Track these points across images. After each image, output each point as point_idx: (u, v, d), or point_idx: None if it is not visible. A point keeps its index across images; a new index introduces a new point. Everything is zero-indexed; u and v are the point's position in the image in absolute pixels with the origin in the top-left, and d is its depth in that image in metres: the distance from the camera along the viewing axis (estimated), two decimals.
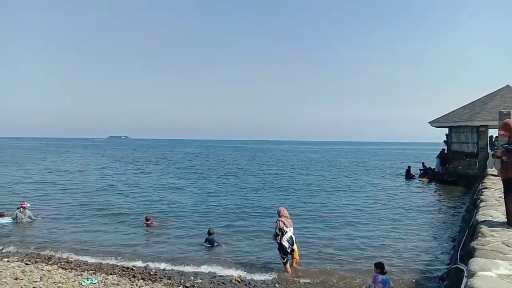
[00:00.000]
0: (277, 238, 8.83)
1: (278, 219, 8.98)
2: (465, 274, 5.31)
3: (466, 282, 4.63)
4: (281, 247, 8.84)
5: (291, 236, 8.89)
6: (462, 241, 8.62)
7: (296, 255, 9.19)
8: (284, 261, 8.91)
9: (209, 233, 11.57)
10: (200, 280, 8.42)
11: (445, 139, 29.40)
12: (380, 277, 7.05)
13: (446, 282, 7.53)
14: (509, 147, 6.74)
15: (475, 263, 5.12)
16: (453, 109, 29.05)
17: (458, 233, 11.89)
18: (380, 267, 7.18)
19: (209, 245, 11.16)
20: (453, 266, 7.28)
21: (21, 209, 14.24)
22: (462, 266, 6.22)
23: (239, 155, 76.81)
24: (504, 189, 7.07)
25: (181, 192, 22.80)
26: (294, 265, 9.18)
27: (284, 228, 8.82)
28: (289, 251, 8.87)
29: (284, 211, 9.18)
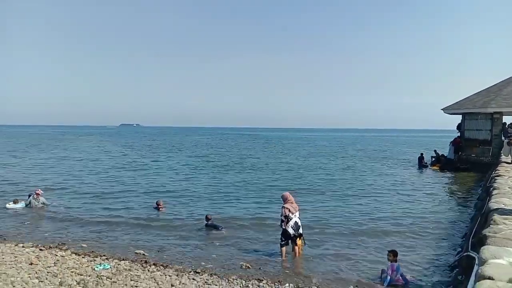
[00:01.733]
0: (283, 224, 8.84)
1: (283, 206, 8.98)
2: (476, 261, 5.28)
3: (477, 270, 4.61)
4: (284, 232, 8.86)
5: (296, 221, 8.87)
6: (474, 229, 8.56)
7: (299, 241, 9.15)
8: (282, 243, 8.93)
9: (207, 219, 11.84)
10: (211, 265, 8.50)
11: (458, 126, 29.02)
12: (395, 264, 7.10)
13: (457, 269, 7.49)
14: None
15: (487, 250, 5.09)
16: (467, 96, 28.61)
17: (470, 221, 11.81)
18: (395, 254, 7.30)
19: (212, 229, 11.41)
20: (464, 254, 7.23)
21: (35, 195, 14.46)
22: (473, 254, 6.18)
23: (254, 143, 76.79)
24: None
25: (192, 178, 22.89)
26: (298, 252, 9.12)
27: (290, 214, 8.83)
28: (292, 236, 8.87)
29: (289, 197, 9.16)
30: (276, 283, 7.34)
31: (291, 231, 8.79)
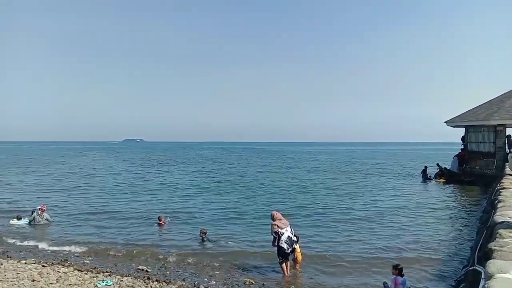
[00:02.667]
0: (275, 241, 8.79)
1: (272, 223, 8.95)
2: (483, 276, 5.21)
3: (484, 285, 4.55)
4: (279, 250, 8.79)
5: (288, 236, 8.82)
6: (480, 243, 8.47)
7: (298, 255, 9.11)
8: (281, 261, 8.87)
9: (202, 233, 11.94)
10: (214, 282, 8.43)
11: (463, 138, 28.93)
12: (400, 279, 7.05)
13: (463, 284, 7.39)
14: None
15: (493, 265, 5.02)
16: (469, 108, 28.57)
17: (475, 234, 11.70)
18: (399, 269, 7.20)
19: (207, 243, 11.58)
20: (470, 268, 7.14)
21: (39, 211, 14.46)
22: (479, 268, 6.10)
23: (256, 157, 76.75)
24: None
25: (194, 195, 22.84)
26: (297, 265, 9.12)
27: (279, 230, 8.79)
28: (288, 252, 8.81)
29: (277, 214, 9.15)
30: None
31: (285, 246, 8.73)
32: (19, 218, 14.62)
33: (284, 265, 8.89)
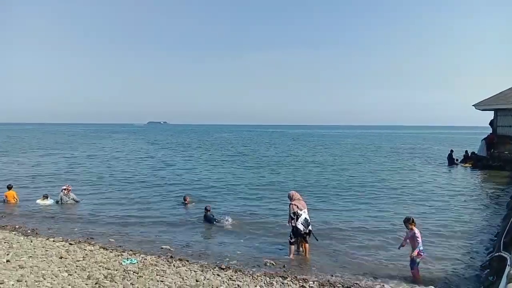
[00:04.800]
0: (292, 221, 8.76)
1: (290, 203, 8.91)
2: (508, 262, 5.10)
3: (509, 271, 4.44)
4: (295, 230, 8.78)
5: (305, 218, 8.81)
6: (506, 228, 8.28)
7: (308, 239, 9.07)
8: (292, 241, 8.88)
9: (206, 210, 12.24)
10: (235, 262, 8.53)
11: (491, 123, 28.07)
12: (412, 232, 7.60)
13: (488, 270, 7.26)
14: None
15: None
16: (500, 91, 27.62)
17: (502, 220, 11.43)
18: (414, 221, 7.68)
19: (208, 222, 11.84)
20: (496, 254, 7.01)
21: (65, 191, 14.84)
22: (505, 254, 5.98)
23: (283, 140, 76.69)
24: None
25: (219, 174, 23.03)
26: (306, 249, 9.05)
27: (298, 211, 8.77)
28: (303, 233, 8.80)
29: (296, 194, 9.11)
30: (300, 281, 7.29)
31: (301, 227, 8.73)
32: (45, 197, 15.04)
33: (293, 246, 8.92)
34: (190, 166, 28.32)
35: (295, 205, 8.84)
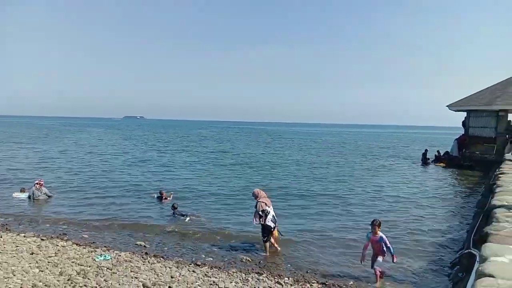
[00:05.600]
0: (261, 219, 8.80)
1: (258, 201, 8.95)
2: (477, 259, 5.24)
3: (478, 267, 4.57)
4: (265, 228, 8.86)
5: (273, 215, 8.93)
6: (476, 226, 8.51)
7: (275, 232, 9.20)
8: (265, 239, 8.96)
9: (174, 207, 12.32)
10: (211, 258, 8.51)
11: (463, 123, 28.83)
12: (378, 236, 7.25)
13: (458, 267, 7.46)
14: None
15: (488, 248, 5.04)
16: (472, 93, 28.41)
17: (472, 218, 11.76)
18: (379, 225, 7.29)
19: (180, 216, 11.92)
20: (466, 251, 7.20)
21: (37, 186, 14.49)
22: (474, 251, 6.15)
23: (256, 138, 76.81)
24: None
25: (195, 172, 22.90)
26: (275, 243, 9.18)
27: (267, 208, 8.85)
28: (273, 230, 8.93)
29: (261, 192, 9.19)
30: (275, 277, 7.32)
31: (271, 224, 8.82)
32: (22, 191, 14.69)
33: (267, 243, 8.99)
34: (166, 162, 28.06)
35: (263, 202, 8.90)
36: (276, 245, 9.13)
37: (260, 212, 8.81)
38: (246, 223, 11.78)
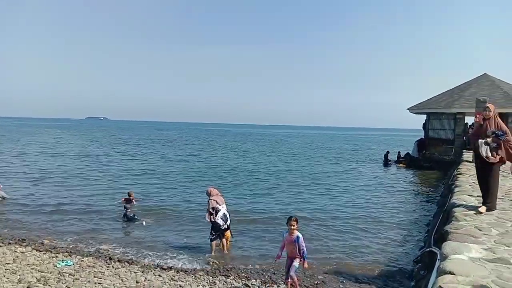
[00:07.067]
0: (211, 217, 8.89)
1: (210, 199, 9.04)
2: (438, 257, 5.41)
3: (439, 265, 4.72)
4: (214, 225, 8.90)
5: (224, 213, 9.01)
6: (436, 225, 8.81)
7: (228, 233, 9.25)
8: (212, 237, 8.98)
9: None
10: (177, 261, 8.41)
11: (424, 125, 29.86)
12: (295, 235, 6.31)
13: (419, 264, 7.69)
14: (499, 133, 6.92)
15: (448, 246, 5.22)
16: (431, 96, 29.48)
17: (432, 217, 12.16)
18: (296, 222, 6.36)
19: (129, 221, 11.79)
20: (427, 249, 7.43)
21: None
22: (435, 249, 6.35)
23: (227, 139, 76.58)
24: (490, 173, 7.16)
25: (161, 175, 22.56)
26: (228, 243, 9.23)
27: (217, 206, 8.95)
28: (222, 228, 8.97)
29: (214, 190, 9.28)
30: (243, 279, 7.31)
31: (220, 222, 8.88)
32: None
33: (214, 242, 9.01)
34: (130, 163, 27.51)
35: (214, 200, 8.97)
36: (226, 246, 9.14)
37: (211, 210, 8.89)
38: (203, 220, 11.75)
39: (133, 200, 13.87)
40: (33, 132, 77.85)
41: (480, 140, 7.10)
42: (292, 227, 6.25)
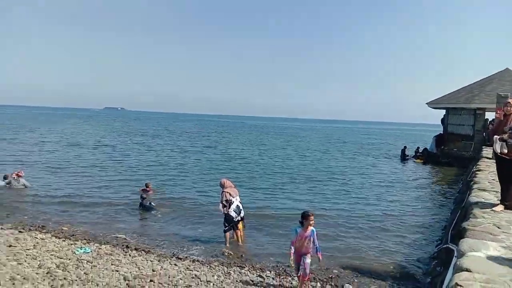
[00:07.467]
0: (224, 209, 8.90)
1: (223, 191, 9.03)
2: (455, 254, 5.36)
3: (456, 262, 4.68)
4: (227, 217, 8.93)
5: (237, 205, 9.01)
6: (454, 222, 8.70)
7: (240, 225, 9.25)
8: (226, 229, 9.02)
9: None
10: (193, 251, 8.50)
11: (442, 120, 29.39)
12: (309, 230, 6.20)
13: (436, 261, 7.63)
14: None
15: (465, 243, 5.16)
16: (451, 91, 28.98)
17: (450, 214, 12.02)
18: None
19: (146, 210, 12.01)
20: (444, 246, 7.36)
21: (15, 176, 14.23)
22: (452, 246, 6.29)
23: (243, 131, 76.76)
24: (508, 170, 7.03)
25: (179, 163, 22.77)
26: (241, 234, 9.26)
27: (231, 198, 8.94)
28: (235, 220, 8.98)
29: (228, 182, 9.26)
30: (257, 270, 7.37)
31: (233, 214, 8.89)
32: (5, 178, 14.44)
33: (227, 234, 9.05)
34: (148, 153, 27.83)
35: (228, 192, 8.97)
36: (240, 237, 9.20)
37: (224, 202, 8.91)
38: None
39: (150, 191, 14.03)
40: (53, 121, 79.22)
41: (495, 136, 6.96)
42: (311, 222, 6.11)
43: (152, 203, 12.32)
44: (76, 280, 6.40)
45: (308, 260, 6.26)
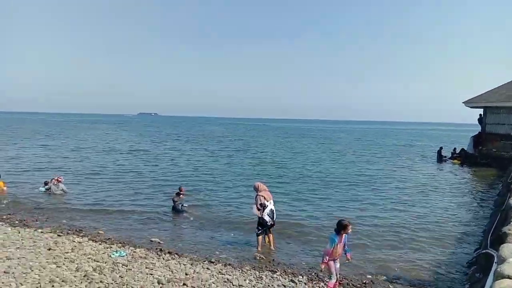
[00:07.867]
0: (259, 212, 8.82)
1: (258, 194, 8.94)
2: (495, 259, 5.16)
3: (496, 268, 4.50)
4: (261, 221, 8.86)
5: (271, 209, 8.92)
6: (493, 226, 8.39)
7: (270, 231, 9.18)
8: (259, 232, 8.96)
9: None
10: (225, 255, 8.55)
11: (479, 120, 28.35)
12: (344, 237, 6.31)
13: (475, 267, 7.36)
14: None
15: (507, 248, 4.97)
16: (489, 89, 27.92)
17: (489, 217, 11.59)
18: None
19: (177, 212, 12.36)
20: (483, 251, 7.10)
21: (55, 181, 14.75)
22: (492, 252, 6.05)
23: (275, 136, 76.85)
24: None
25: (210, 169, 22.99)
26: (272, 240, 9.20)
27: (265, 202, 8.85)
28: (269, 224, 8.91)
29: (262, 186, 9.16)
30: (289, 275, 7.32)
31: (267, 218, 8.81)
32: (46, 184, 15.04)
33: (260, 237, 9.00)
34: (179, 158, 28.25)
35: (262, 196, 8.89)
36: (272, 241, 9.17)
37: (259, 206, 8.86)
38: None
39: (182, 194, 14.20)
40: (89, 127, 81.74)
41: None
42: (349, 231, 6.24)
43: (184, 205, 12.55)
44: (112, 283, 6.54)
45: (338, 265, 6.45)
